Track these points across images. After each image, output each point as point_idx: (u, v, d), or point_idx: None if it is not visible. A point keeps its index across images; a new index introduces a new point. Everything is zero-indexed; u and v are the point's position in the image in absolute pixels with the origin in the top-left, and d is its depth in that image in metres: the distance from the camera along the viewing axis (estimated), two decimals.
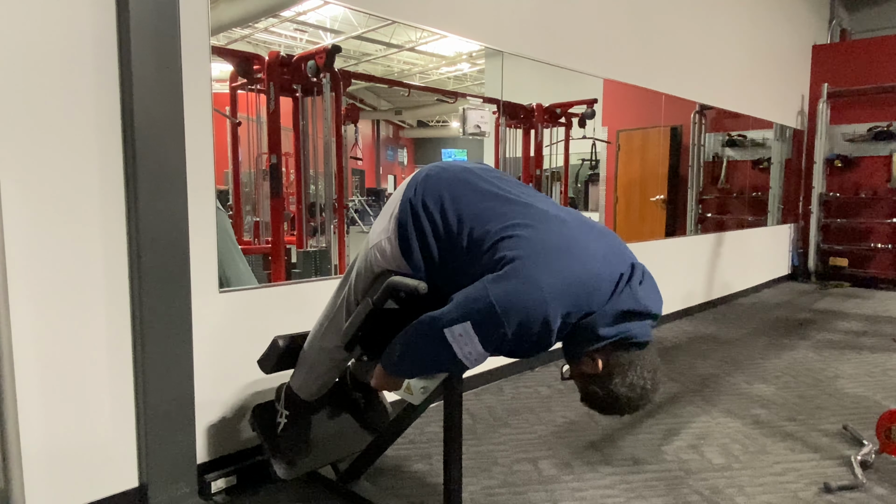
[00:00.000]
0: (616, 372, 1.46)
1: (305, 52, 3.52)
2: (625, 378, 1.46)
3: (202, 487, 2.22)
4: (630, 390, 1.46)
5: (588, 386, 1.51)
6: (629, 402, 1.48)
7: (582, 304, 1.42)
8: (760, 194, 7.08)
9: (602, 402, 1.50)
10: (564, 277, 1.41)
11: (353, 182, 7.82)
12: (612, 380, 1.46)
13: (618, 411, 1.51)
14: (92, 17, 1.88)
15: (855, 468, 2.44)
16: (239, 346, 2.34)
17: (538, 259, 1.42)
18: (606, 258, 1.49)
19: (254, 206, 4.04)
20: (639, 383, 1.46)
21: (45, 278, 1.85)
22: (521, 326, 1.38)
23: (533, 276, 1.39)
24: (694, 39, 5.20)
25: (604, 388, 1.48)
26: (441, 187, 1.64)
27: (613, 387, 1.46)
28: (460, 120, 3.70)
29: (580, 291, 1.42)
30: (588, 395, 1.53)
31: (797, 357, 4.19)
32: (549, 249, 1.45)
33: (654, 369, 1.50)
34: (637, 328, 1.46)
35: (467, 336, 1.43)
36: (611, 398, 1.48)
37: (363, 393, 2.31)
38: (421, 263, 1.62)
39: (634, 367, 1.46)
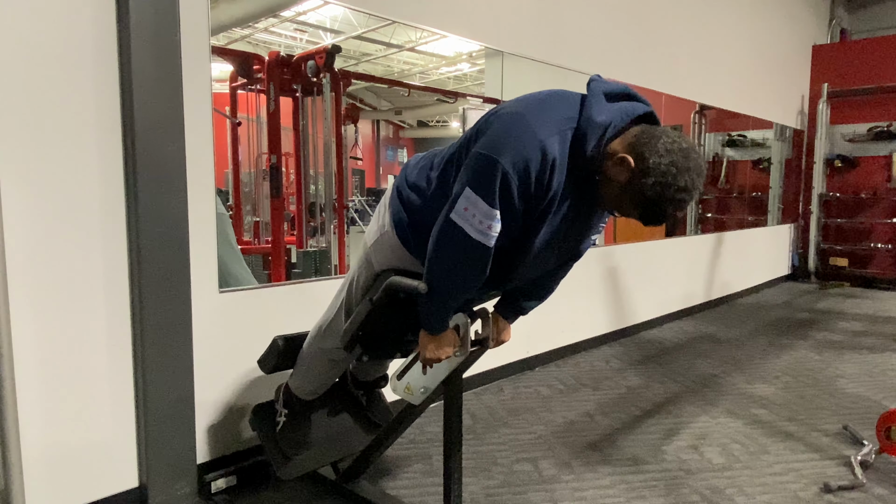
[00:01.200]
0: (646, 151, 1.33)
1: (305, 52, 3.52)
2: (656, 149, 1.32)
3: (202, 487, 2.22)
4: (669, 154, 1.32)
5: (635, 191, 1.35)
6: (679, 168, 1.31)
7: (566, 113, 1.38)
8: (760, 194, 7.08)
9: (655, 190, 1.33)
10: (543, 106, 1.39)
11: (353, 182, 7.81)
12: (647, 160, 1.32)
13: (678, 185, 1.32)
14: (92, 17, 1.88)
15: (855, 468, 2.44)
16: (239, 346, 2.33)
17: (512, 106, 1.43)
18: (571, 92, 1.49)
19: (254, 206, 4.04)
20: (673, 146, 1.32)
21: (45, 278, 1.85)
22: (516, 155, 1.33)
23: (512, 114, 1.39)
24: (694, 39, 5.20)
25: (647, 174, 1.32)
26: (419, 162, 1.68)
27: (653, 165, 1.31)
28: (460, 120, 3.70)
29: (559, 105, 1.40)
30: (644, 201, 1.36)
31: (797, 357, 4.19)
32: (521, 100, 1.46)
33: (679, 133, 1.38)
34: (631, 105, 1.40)
35: (471, 204, 1.36)
36: (660, 177, 1.31)
37: (363, 392, 2.31)
38: (414, 236, 1.61)
39: (657, 137, 1.34)
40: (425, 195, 1.60)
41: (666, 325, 5.09)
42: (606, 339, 4.45)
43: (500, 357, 3.53)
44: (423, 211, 1.59)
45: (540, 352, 3.86)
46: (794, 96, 7.30)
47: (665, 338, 4.70)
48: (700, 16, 5.27)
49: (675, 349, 4.37)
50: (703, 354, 4.24)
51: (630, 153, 1.35)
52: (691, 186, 1.34)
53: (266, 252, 3.59)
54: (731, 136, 6.62)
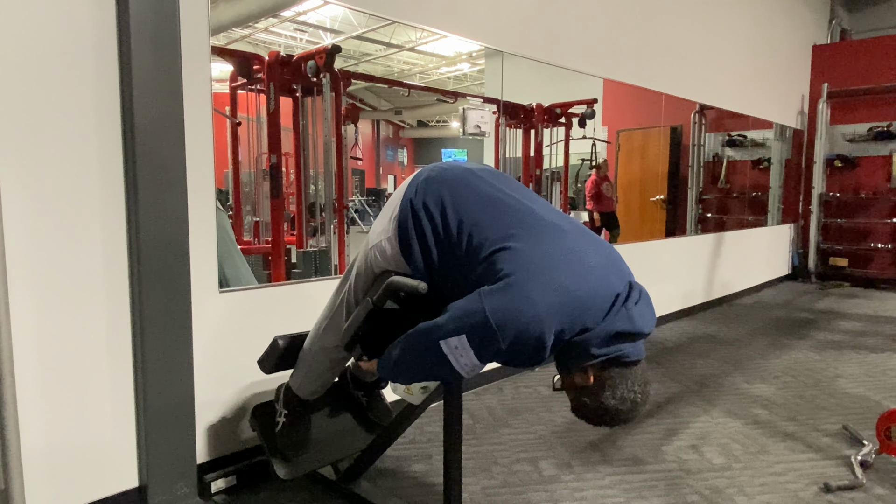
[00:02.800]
0: (607, 385, 1.47)
1: (305, 52, 3.52)
2: (615, 391, 1.47)
3: (202, 487, 2.22)
4: (620, 403, 1.47)
5: (579, 397, 1.53)
6: (618, 415, 1.50)
7: (576, 321, 1.43)
8: (760, 194, 7.08)
9: (592, 413, 1.52)
10: (560, 294, 1.41)
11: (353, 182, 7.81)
12: (602, 393, 1.47)
13: (607, 423, 1.53)
14: (92, 17, 1.88)
15: (855, 468, 2.44)
16: (239, 346, 2.33)
17: (534, 274, 1.43)
18: (603, 274, 1.49)
19: (254, 206, 4.04)
20: (629, 396, 1.47)
21: (45, 278, 1.85)
22: (515, 341, 1.40)
23: (528, 293, 1.40)
24: (694, 39, 5.20)
25: (594, 401, 1.49)
26: (442, 189, 1.63)
27: (604, 399, 1.48)
28: (460, 120, 3.70)
29: (575, 309, 1.43)
30: (578, 406, 1.55)
31: (797, 357, 4.19)
32: (545, 264, 1.45)
33: (644, 383, 1.51)
34: (629, 348, 1.48)
35: (463, 348, 1.45)
36: (601, 410, 1.50)
37: (364, 392, 2.31)
38: (421, 264, 1.62)
39: (625, 382, 1.47)
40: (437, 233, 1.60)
41: (666, 325, 5.09)
42: None
43: None
44: (429, 243, 1.61)
45: None
46: (794, 96, 7.30)
47: (665, 338, 4.70)
48: (700, 16, 5.27)
49: (675, 349, 4.37)
50: (703, 354, 4.24)
51: (595, 375, 1.47)
52: (618, 424, 1.54)
53: (266, 252, 3.59)
54: (731, 136, 6.62)
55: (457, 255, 1.56)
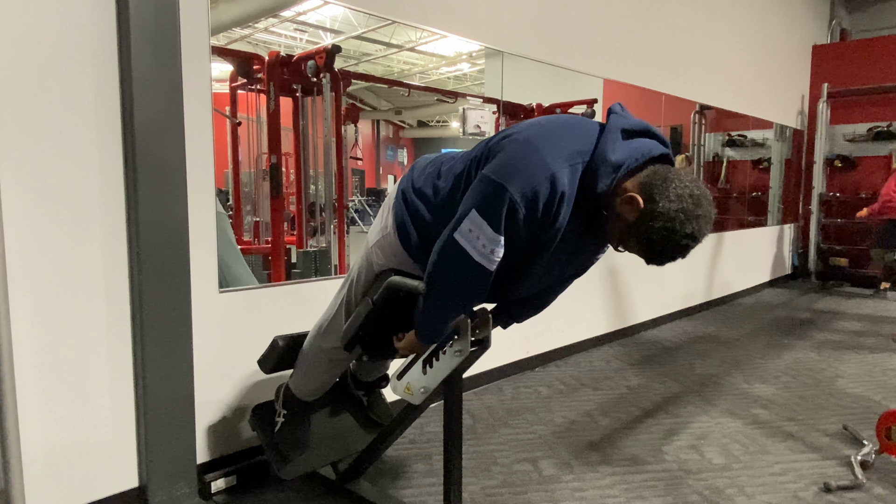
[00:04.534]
0: (656, 193, 1.32)
1: (305, 52, 3.51)
2: (667, 193, 1.31)
3: (202, 487, 2.22)
4: (679, 201, 1.31)
5: (642, 232, 1.35)
6: (688, 215, 1.31)
7: (580, 146, 1.37)
8: (760, 194, 7.07)
9: (665, 235, 1.33)
10: (554, 131, 1.40)
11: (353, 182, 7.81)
12: (656, 203, 1.31)
13: (686, 234, 1.33)
14: (92, 17, 1.88)
15: (855, 468, 2.44)
16: (239, 346, 2.33)
17: (526, 130, 1.42)
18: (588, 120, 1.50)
19: (254, 206, 4.04)
20: (684, 192, 1.31)
21: (44, 278, 1.85)
22: (525, 186, 1.32)
23: (524, 140, 1.38)
24: (694, 39, 5.20)
25: (655, 217, 1.32)
26: (427, 167, 1.67)
27: (662, 209, 1.31)
28: (460, 120, 3.69)
29: (573, 137, 1.39)
30: (649, 244, 1.36)
31: (797, 357, 4.19)
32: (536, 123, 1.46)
33: (693, 178, 1.36)
34: (647, 144, 1.38)
35: (476, 227, 1.36)
36: (668, 221, 1.31)
37: (364, 392, 2.31)
38: (420, 245, 1.61)
39: (670, 181, 1.33)
40: (431, 204, 1.60)
41: (666, 325, 5.09)
42: (606, 339, 4.45)
43: (500, 357, 3.53)
44: (427, 219, 1.60)
45: (540, 352, 3.86)
46: (794, 96, 7.30)
47: (665, 338, 4.70)
48: (700, 16, 5.27)
49: (675, 349, 4.37)
50: (703, 354, 4.24)
51: (640, 194, 1.34)
52: (698, 234, 1.35)
53: (266, 252, 3.58)
54: (731, 136, 6.62)
55: (456, 196, 1.52)
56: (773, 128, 6.98)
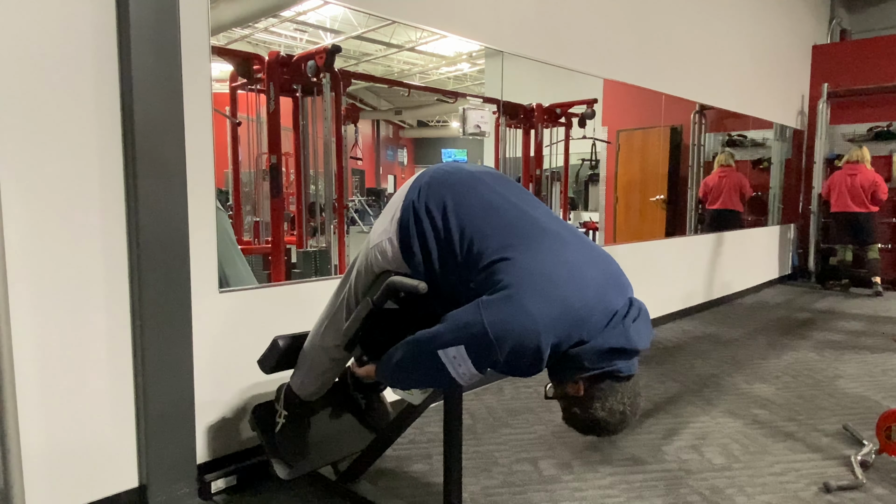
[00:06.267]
0: (597, 397, 1.49)
1: (305, 52, 3.52)
2: (605, 403, 1.49)
3: (202, 487, 2.22)
4: (609, 415, 1.49)
5: (570, 407, 1.54)
6: (607, 426, 1.51)
7: (573, 334, 1.45)
8: (760, 194, 7.07)
9: (581, 423, 1.54)
10: (557, 307, 1.42)
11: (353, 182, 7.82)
12: (592, 403, 1.49)
13: (596, 433, 1.55)
14: (92, 17, 1.88)
15: (855, 468, 2.44)
16: (239, 346, 2.34)
17: (533, 287, 1.43)
18: (602, 289, 1.50)
19: (254, 206, 4.04)
20: (618, 408, 1.49)
21: (44, 278, 1.85)
22: (513, 353, 1.41)
23: (527, 306, 1.40)
24: (694, 39, 5.20)
25: (584, 411, 1.51)
26: (444, 192, 1.63)
27: (593, 410, 1.49)
28: (460, 120, 3.70)
29: (572, 322, 1.44)
30: (569, 416, 1.57)
31: (797, 357, 4.19)
32: (544, 276, 1.45)
33: (635, 395, 1.53)
34: (622, 364, 1.49)
35: (461, 358, 1.46)
36: (590, 421, 1.51)
37: (364, 393, 2.31)
38: (421, 266, 1.62)
39: (615, 394, 1.49)
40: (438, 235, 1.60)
41: (666, 325, 5.09)
42: None
43: None
44: (429, 245, 1.60)
45: None
46: (794, 96, 7.30)
47: (665, 338, 4.70)
48: (700, 16, 5.27)
49: (675, 349, 4.37)
50: (703, 354, 4.24)
51: (585, 386, 1.49)
52: (608, 435, 1.55)
53: (266, 252, 3.59)
54: (731, 136, 6.62)
55: (457, 261, 1.57)
56: (773, 128, 6.98)
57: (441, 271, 1.60)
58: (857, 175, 6.54)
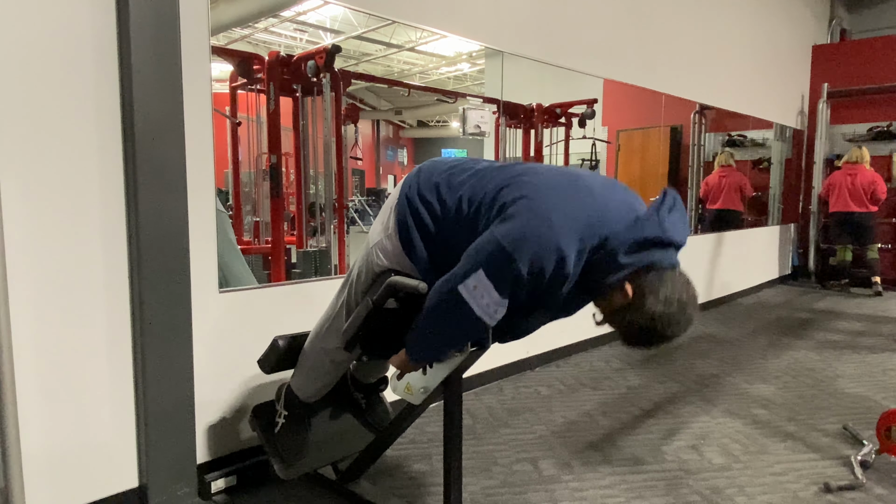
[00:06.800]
0: (647, 291, 1.38)
1: (305, 52, 3.52)
2: (658, 295, 1.37)
3: (202, 487, 2.22)
4: (667, 306, 1.37)
5: (624, 319, 1.43)
6: (670, 319, 1.39)
7: (595, 229, 1.38)
8: (760, 194, 7.07)
9: (644, 331, 1.41)
10: (572, 207, 1.38)
11: (353, 182, 7.82)
12: (644, 301, 1.38)
13: (664, 335, 1.41)
14: (92, 17, 1.88)
15: (855, 468, 2.44)
16: (239, 346, 2.33)
17: (542, 194, 1.40)
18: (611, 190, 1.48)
19: (254, 206, 4.04)
20: (673, 297, 1.38)
21: (44, 278, 1.85)
22: (533, 260, 1.34)
23: (539, 208, 1.37)
24: (694, 39, 5.20)
25: (639, 313, 1.39)
26: (434, 175, 1.66)
27: (649, 306, 1.37)
28: (460, 120, 3.70)
29: (590, 218, 1.39)
30: (627, 331, 1.44)
31: (797, 357, 4.19)
32: (553, 186, 1.43)
33: (687, 283, 1.42)
34: (660, 255, 1.40)
35: (482, 286, 1.39)
36: (650, 321, 1.39)
37: (364, 394, 2.31)
38: (424, 255, 1.62)
39: (665, 284, 1.38)
40: (436, 216, 1.60)
41: None
42: (606, 339, 4.45)
43: (500, 357, 3.53)
44: (430, 229, 1.61)
45: (540, 352, 3.86)
46: (794, 96, 7.30)
47: None
48: (700, 16, 5.27)
49: (675, 349, 4.37)
50: (703, 354, 4.24)
51: (632, 285, 1.40)
52: (674, 336, 1.43)
53: (266, 252, 3.59)
54: (731, 136, 6.62)
55: (461, 224, 1.53)
56: (773, 128, 6.98)
57: (445, 250, 1.57)
58: (857, 175, 6.56)
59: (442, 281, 1.49)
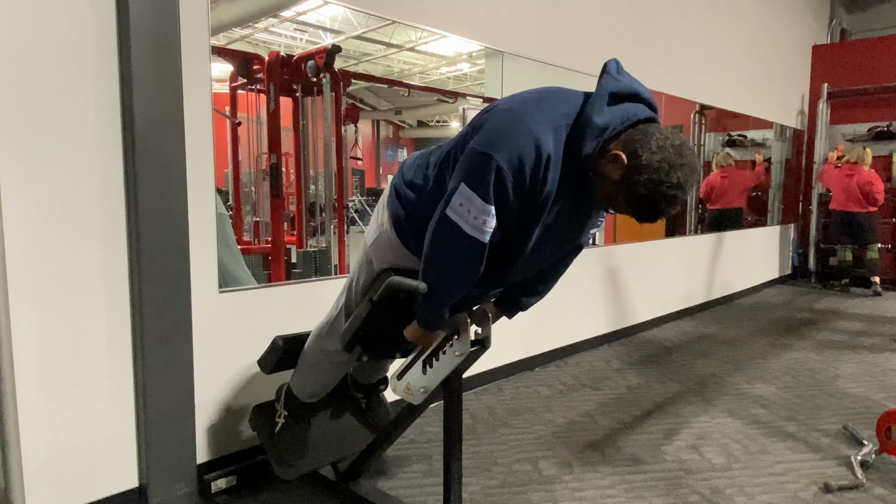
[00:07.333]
0: (639, 148, 1.34)
1: (305, 52, 3.52)
2: (649, 146, 1.33)
3: (202, 487, 2.22)
4: (662, 151, 1.33)
5: (629, 188, 1.36)
6: (671, 164, 1.33)
7: (562, 110, 1.40)
8: (760, 194, 7.07)
9: (648, 187, 1.34)
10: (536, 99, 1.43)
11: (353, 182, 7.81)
12: (639, 157, 1.33)
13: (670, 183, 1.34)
14: (92, 17, 1.88)
15: (855, 468, 2.44)
16: (239, 346, 2.34)
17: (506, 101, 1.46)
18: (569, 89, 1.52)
19: (254, 206, 4.04)
20: (665, 143, 1.34)
21: (45, 278, 1.85)
22: (510, 152, 1.34)
23: (504, 109, 1.41)
24: (694, 39, 5.20)
25: (639, 171, 1.33)
26: (417, 159, 1.70)
27: (645, 161, 1.32)
28: (460, 120, 3.70)
29: (555, 103, 1.41)
30: (637, 197, 1.37)
31: (797, 357, 4.19)
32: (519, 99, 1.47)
33: (673, 131, 1.39)
34: (632, 108, 1.40)
35: (466, 200, 1.38)
36: (653, 175, 1.32)
37: (364, 394, 2.31)
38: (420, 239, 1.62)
39: (651, 134, 1.36)
40: (422, 192, 1.61)
41: (666, 325, 5.09)
42: (606, 339, 4.45)
43: (500, 357, 3.53)
44: (420, 208, 1.60)
45: (540, 352, 3.86)
46: (794, 96, 7.30)
47: (665, 338, 4.70)
48: (700, 16, 5.27)
49: (675, 349, 4.37)
50: (703, 354, 4.24)
51: (623, 150, 1.37)
52: (684, 182, 1.36)
53: (266, 252, 3.59)
54: (731, 136, 6.62)
55: (444, 183, 1.53)
56: (773, 128, 6.97)
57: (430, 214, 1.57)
58: (855, 175, 6.57)
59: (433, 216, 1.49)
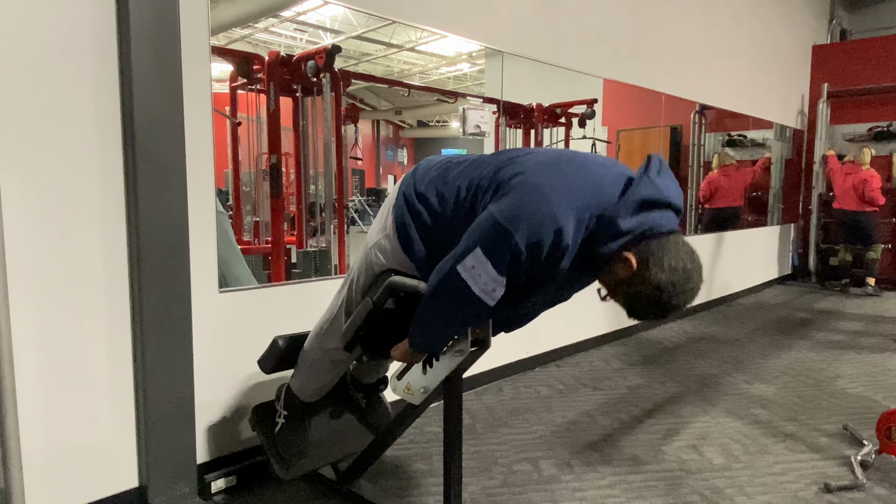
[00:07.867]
0: (651, 260, 1.36)
1: (305, 52, 3.51)
2: (662, 263, 1.35)
3: (202, 487, 2.22)
4: (672, 273, 1.36)
5: (629, 291, 1.41)
6: (675, 287, 1.37)
7: (591, 201, 1.38)
8: (760, 194, 7.07)
9: (650, 301, 1.39)
10: (567, 180, 1.39)
11: (353, 182, 7.81)
12: (649, 271, 1.36)
13: (668, 304, 1.39)
14: (92, 17, 1.88)
15: (855, 468, 2.44)
16: (239, 346, 2.33)
17: (539, 171, 1.41)
18: (607, 166, 1.49)
19: (254, 206, 4.04)
20: (678, 265, 1.36)
21: (45, 278, 1.85)
22: (531, 234, 1.34)
23: (534, 184, 1.38)
24: (694, 39, 5.20)
25: (644, 283, 1.37)
26: (431, 171, 1.67)
27: (654, 276, 1.35)
28: (460, 120, 3.69)
29: (586, 190, 1.39)
30: (633, 302, 1.42)
31: (797, 357, 4.19)
32: (549, 164, 1.44)
33: (691, 250, 1.41)
34: (659, 218, 1.39)
35: (479, 264, 1.38)
36: (657, 290, 1.37)
37: (364, 394, 2.31)
38: (423, 253, 1.62)
39: (668, 251, 1.37)
40: (433, 210, 1.60)
41: (666, 326, 5.09)
42: (606, 339, 4.45)
43: (500, 357, 3.53)
44: (429, 225, 1.61)
45: (540, 352, 3.86)
46: (794, 96, 7.30)
47: (665, 338, 4.70)
48: (700, 16, 5.27)
49: (675, 349, 4.37)
50: (703, 354, 4.24)
51: (636, 257, 1.38)
52: (682, 305, 1.43)
53: (266, 252, 3.58)
54: (731, 136, 6.62)
55: (459, 213, 1.54)
56: (773, 128, 6.97)
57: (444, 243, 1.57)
58: (852, 175, 6.58)
59: (441, 263, 1.49)
